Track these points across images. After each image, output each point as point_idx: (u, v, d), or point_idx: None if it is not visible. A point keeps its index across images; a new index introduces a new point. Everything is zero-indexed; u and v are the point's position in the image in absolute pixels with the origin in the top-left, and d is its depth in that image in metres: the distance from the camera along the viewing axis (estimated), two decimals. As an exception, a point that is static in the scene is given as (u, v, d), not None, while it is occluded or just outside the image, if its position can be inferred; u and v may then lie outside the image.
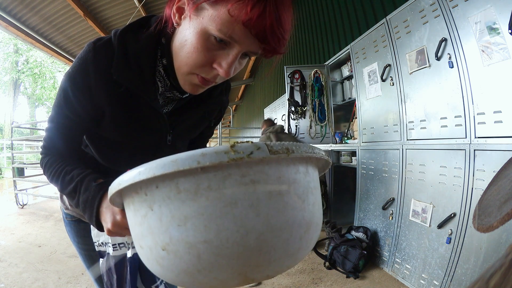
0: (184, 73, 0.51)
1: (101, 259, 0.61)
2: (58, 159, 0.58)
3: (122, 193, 0.35)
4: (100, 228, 0.48)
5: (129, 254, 0.56)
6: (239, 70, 0.52)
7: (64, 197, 0.75)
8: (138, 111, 0.58)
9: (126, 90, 0.55)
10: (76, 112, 0.56)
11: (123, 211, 0.43)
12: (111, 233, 0.46)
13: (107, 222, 0.46)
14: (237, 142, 0.28)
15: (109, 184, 0.49)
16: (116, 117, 0.57)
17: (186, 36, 0.47)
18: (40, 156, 0.61)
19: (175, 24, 0.50)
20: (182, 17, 0.48)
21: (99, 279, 0.74)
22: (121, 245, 0.60)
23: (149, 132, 0.62)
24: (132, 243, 0.56)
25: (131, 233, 0.36)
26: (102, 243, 0.60)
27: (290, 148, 0.29)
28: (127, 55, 0.53)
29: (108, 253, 0.58)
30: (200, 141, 0.82)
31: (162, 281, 0.62)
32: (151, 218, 0.30)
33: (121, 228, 0.45)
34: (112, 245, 0.58)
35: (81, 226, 0.76)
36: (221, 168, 0.27)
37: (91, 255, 0.76)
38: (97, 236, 0.60)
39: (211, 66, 0.48)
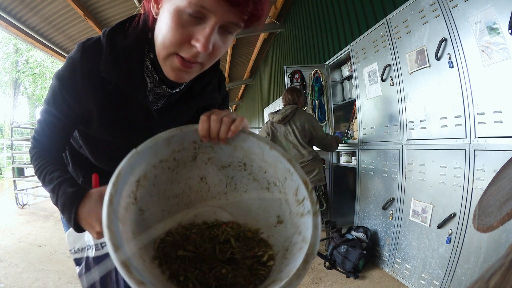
0: (164, 57, 0.49)
1: (77, 268, 0.61)
2: (44, 154, 0.59)
3: None
4: (79, 230, 0.50)
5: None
6: (224, 50, 0.50)
7: None
8: (126, 108, 0.58)
9: (114, 88, 0.54)
10: (62, 111, 0.57)
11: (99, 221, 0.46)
12: (100, 235, 0.47)
13: (94, 227, 0.47)
14: None
15: (85, 191, 0.50)
16: (105, 116, 0.57)
17: (163, 20, 0.47)
18: (30, 145, 0.63)
19: (155, 15, 0.50)
20: (159, 6, 0.48)
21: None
22: (103, 244, 0.60)
23: (138, 130, 0.61)
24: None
25: None
26: (78, 249, 0.60)
27: None
28: (115, 52, 0.53)
29: (88, 257, 0.59)
30: None
31: None
32: None
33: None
34: (95, 245, 0.58)
35: None
36: None
37: None
38: (73, 243, 0.61)
39: (190, 43, 0.46)
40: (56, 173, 0.54)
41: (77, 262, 0.61)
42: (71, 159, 0.71)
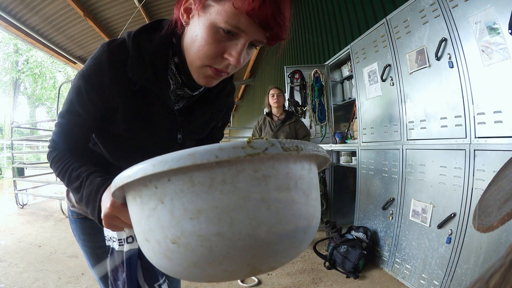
0: (198, 67, 0.54)
1: (109, 256, 0.59)
2: (66, 154, 0.60)
3: (126, 187, 0.34)
4: (101, 222, 0.49)
5: (126, 249, 0.56)
6: (248, 60, 0.55)
7: (71, 194, 0.76)
8: (150, 109, 0.60)
9: (140, 88, 0.57)
10: (87, 110, 0.58)
11: (122, 204, 0.43)
12: (106, 225, 0.46)
13: (101, 214, 0.46)
14: (252, 138, 0.29)
15: (108, 181, 0.49)
16: (129, 115, 0.59)
17: (196, 32, 0.51)
18: (48, 150, 0.63)
19: (184, 23, 0.53)
20: (190, 16, 0.52)
21: (103, 278, 0.74)
22: (128, 240, 0.57)
23: (160, 130, 0.64)
24: (128, 238, 0.55)
25: (134, 227, 0.36)
26: (110, 237, 0.59)
27: (299, 146, 0.31)
28: (141, 55, 0.56)
29: (113, 248, 0.58)
30: (211, 143, 0.84)
31: (165, 280, 0.61)
32: (161, 211, 0.30)
33: (111, 218, 0.45)
34: (118, 240, 0.57)
35: (87, 223, 0.76)
36: (236, 163, 0.29)
37: (96, 252, 0.76)
38: (107, 230, 0.59)
39: (222, 56, 0.51)
40: (83, 168, 0.56)
41: (111, 251, 0.60)
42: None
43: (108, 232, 0.58)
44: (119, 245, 0.56)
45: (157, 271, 0.58)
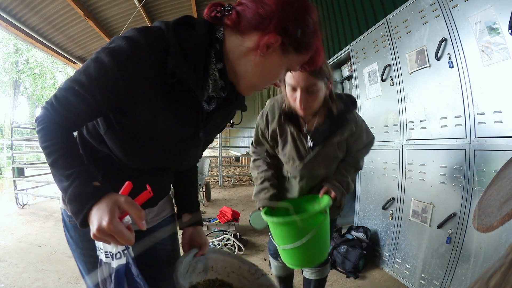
0: (257, 87, 0.64)
1: (98, 267, 0.57)
2: (59, 131, 0.54)
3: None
4: (83, 225, 0.49)
5: (114, 265, 0.54)
6: None
7: None
8: (181, 103, 0.59)
9: (176, 82, 0.55)
10: (105, 93, 0.52)
11: (114, 218, 0.46)
12: (95, 237, 0.47)
13: (93, 225, 0.46)
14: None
15: (105, 192, 0.49)
16: (157, 107, 0.57)
17: (272, 66, 0.60)
18: (41, 111, 0.56)
19: (260, 52, 0.56)
20: (268, 49, 0.56)
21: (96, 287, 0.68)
22: (116, 256, 0.55)
23: (185, 125, 0.63)
24: (116, 254, 0.54)
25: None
26: (99, 248, 0.57)
27: None
28: (183, 49, 0.54)
29: (101, 259, 0.56)
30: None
31: None
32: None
33: (105, 234, 0.46)
34: (104, 252, 0.55)
35: (88, 229, 0.71)
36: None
37: (97, 262, 0.71)
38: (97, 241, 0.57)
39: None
40: (74, 160, 0.52)
41: (99, 261, 0.58)
42: (87, 156, 0.66)
43: (98, 243, 0.57)
44: (105, 257, 0.55)
45: (142, 285, 0.57)
